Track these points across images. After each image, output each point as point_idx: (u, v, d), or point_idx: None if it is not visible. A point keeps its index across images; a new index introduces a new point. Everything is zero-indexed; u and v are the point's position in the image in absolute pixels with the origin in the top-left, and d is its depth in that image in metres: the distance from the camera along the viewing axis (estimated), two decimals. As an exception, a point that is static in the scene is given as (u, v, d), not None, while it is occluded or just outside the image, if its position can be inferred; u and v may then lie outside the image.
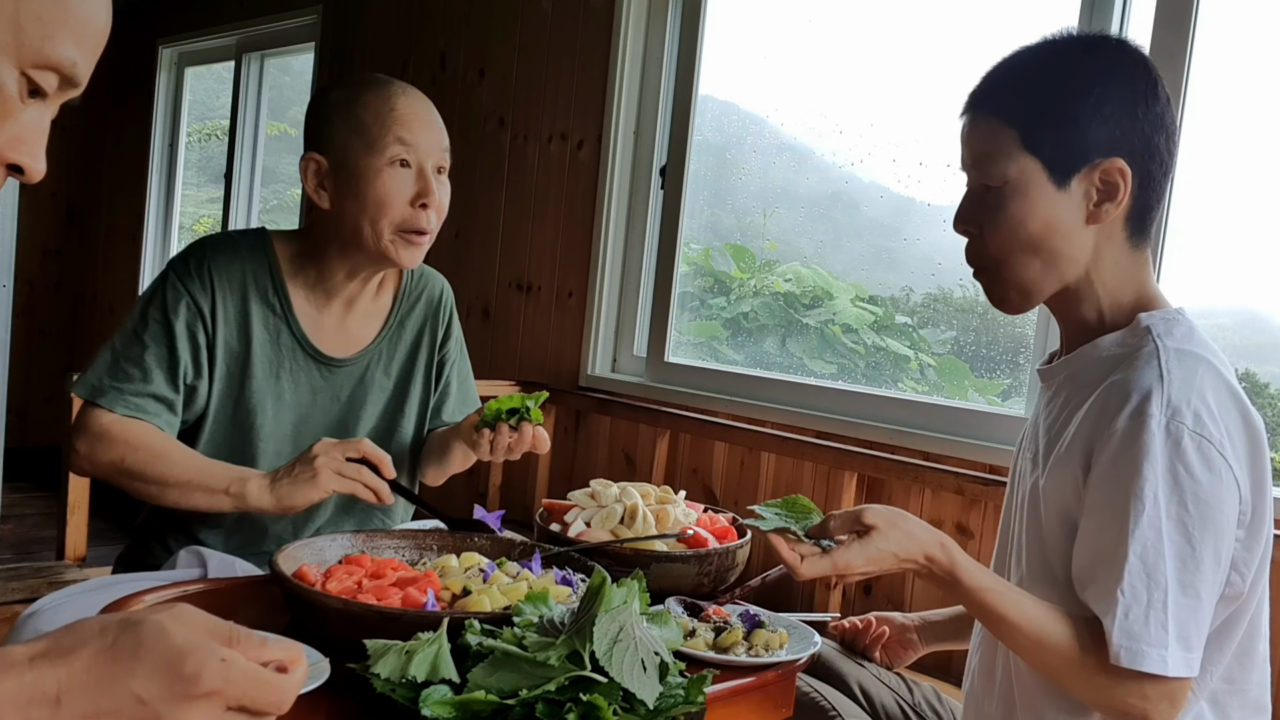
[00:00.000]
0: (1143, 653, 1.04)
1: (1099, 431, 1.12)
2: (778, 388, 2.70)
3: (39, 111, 0.71)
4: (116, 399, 1.48)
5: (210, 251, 1.57)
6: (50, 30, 0.68)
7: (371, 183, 1.50)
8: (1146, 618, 1.05)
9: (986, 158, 1.20)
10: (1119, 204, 1.17)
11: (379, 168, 1.50)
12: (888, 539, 1.12)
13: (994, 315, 2.51)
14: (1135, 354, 1.15)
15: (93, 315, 5.78)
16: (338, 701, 0.97)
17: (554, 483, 3.08)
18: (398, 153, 1.51)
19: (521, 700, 0.89)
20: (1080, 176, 1.17)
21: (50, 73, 0.69)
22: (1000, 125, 1.19)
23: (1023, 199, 1.18)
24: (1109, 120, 1.16)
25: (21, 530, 4.43)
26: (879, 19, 2.73)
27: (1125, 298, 1.22)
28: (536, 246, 3.28)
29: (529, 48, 3.33)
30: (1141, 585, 1.05)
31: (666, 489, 1.52)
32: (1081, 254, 1.20)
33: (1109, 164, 1.16)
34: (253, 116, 4.76)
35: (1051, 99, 1.17)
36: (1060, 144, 1.17)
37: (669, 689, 0.95)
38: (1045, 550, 1.20)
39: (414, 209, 1.52)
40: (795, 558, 1.11)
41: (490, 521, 1.49)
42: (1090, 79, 1.17)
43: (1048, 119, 1.17)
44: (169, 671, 0.63)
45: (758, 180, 3.01)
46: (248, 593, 1.28)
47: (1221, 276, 2.16)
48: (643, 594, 1.01)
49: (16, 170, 0.72)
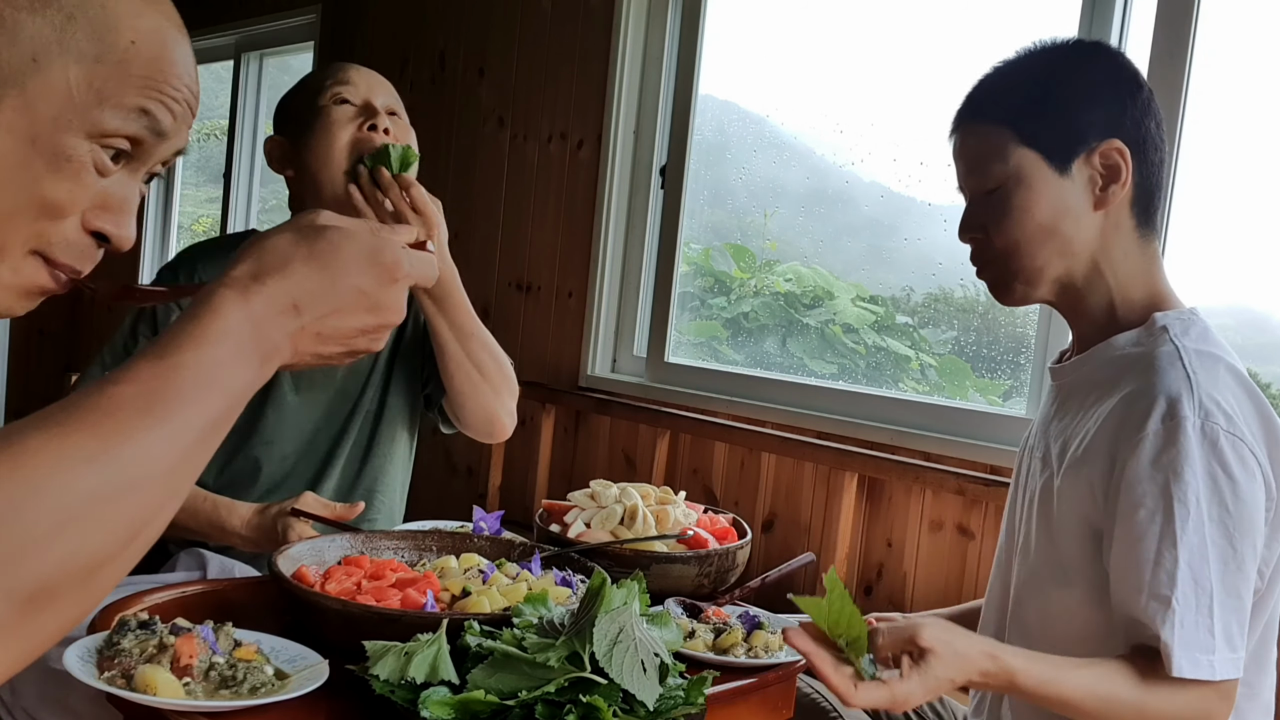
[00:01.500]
0: (1197, 660, 1.04)
1: (1124, 436, 1.10)
2: (778, 388, 2.70)
3: (124, 178, 0.71)
4: None
5: (200, 259, 1.57)
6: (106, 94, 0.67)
7: (314, 126, 1.52)
8: (1197, 624, 1.04)
9: (982, 161, 1.21)
10: (1123, 185, 1.17)
11: (320, 110, 1.53)
12: (946, 665, 1.01)
13: (995, 315, 2.51)
14: (1153, 355, 1.14)
15: (91, 315, 5.78)
16: (337, 702, 0.96)
17: (554, 483, 3.07)
18: (337, 92, 1.54)
19: (521, 701, 0.88)
20: (1081, 161, 1.18)
21: (119, 138, 0.69)
22: (993, 127, 1.20)
23: (1027, 189, 1.18)
24: (1100, 103, 1.18)
25: (21, 530, 4.43)
26: (879, 19, 2.72)
27: (1136, 293, 1.21)
28: (536, 246, 3.28)
29: (529, 48, 3.33)
30: (1190, 591, 1.05)
31: (666, 489, 1.51)
32: (1090, 242, 1.19)
33: (1106, 145, 1.17)
34: (252, 116, 4.76)
35: (1041, 90, 1.19)
36: (1055, 131, 1.18)
37: (669, 690, 0.95)
38: (1058, 552, 1.19)
39: (364, 132, 1.52)
40: (848, 686, 0.98)
41: (490, 522, 1.49)
42: (1076, 68, 1.19)
43: (1040, 110, 1.18)
44: (374, 264, 0.71)
45: (758, 180, 3.00)
46: (247, 593, 1.27)
47: (1222, 276, 2.16)
48: (643, 595, 1.01)
49: (103, 239, 0.72)
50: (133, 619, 0.97)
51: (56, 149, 0.66)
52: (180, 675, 0.92)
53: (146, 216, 5.29)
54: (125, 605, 1.12)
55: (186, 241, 5.38)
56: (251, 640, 1.01)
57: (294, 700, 0.93)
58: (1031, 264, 1.20)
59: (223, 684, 0.93)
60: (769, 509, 2.62)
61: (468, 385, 1.61)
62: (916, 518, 2.34)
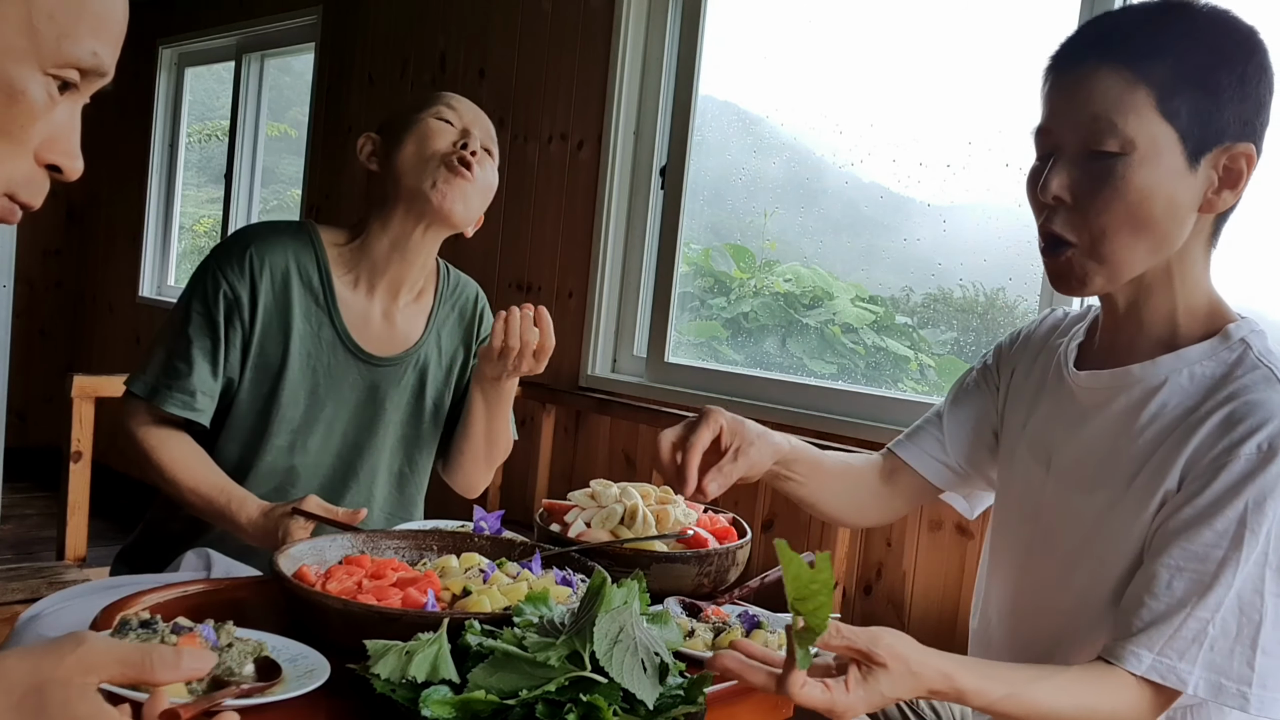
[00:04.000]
0: (1221, 686, 1.01)
1: (1212, 455, 1.03)
2: (778, 388, 2.70)
3: (68, 108, 0.73)
4: (167, 398, 1.55)
5: (254, 238, 1.59)
6: (65, 28, 0.69)
7: (415, 127, 1.60)
8: (1231, 651, 1.01)
9: (1107, 116, 1.04)
10: (1238, 193, 1.07)
11: (424, 118, 1.61)
12: (895, 682, 0.95)
13: (994, 316, 2.51)
14: (1246, 375, 1.06)
15: (93, 315, 5.78)
16: (338, 702, 0.97)
17: (554, 483, 3.08)
18: (442, 112, 1.62)
19: (521, 701, 0.89)
20: (1210, 157, 1.05)
21: (72, 69, 0.71)
22: (1133, 80, 1.03)
23: (1152, 170, 1.04)
24: (1247, 101, 1.04)
25: (21, 530, 4.43)
26: (879, 19, 2.72)
27: (1198, 300, 1.12)
28: (536, 246, 3.28)
29: (529, 48, 3.33)
30: (1233, 620, 1.01)
31: (666, 489, 1.51)
32: (1179, 243, 1.08)
33: (1240, 148, 1.05)
34: (253, 117, 4.76)
35: (1198, 64, 1.03)
36: (1199, 115, 1.03)
37: (669, 689, 0.95)
38: (1107, 573, 1.11)
39: (454, 149, 1.59)
40: (793, 678, 0.91)
41: (490, 522, 1.49)
42: (1238, 52, 1.05)
43: (1191, 84, 1.03)
44: None
45: (758, 180, 3.00)
46: (248, 593, 1.28)
47: (1225, 277, 2.15)
48: (643, 594, 1.01)
49: (55, 170, 0.74)
50: (134, 618, 0.97)
51: (10, 82, 0.68)
52: (182, 674, 0.93)
53: (148, 216, 5.29)
54: (127, 605, 1.12)
55: (188, 242, 5.38)
56: (253, 639, 1.01)
57: (294, 700, 0.94)
58: (1124, 255, 1.07)
59: (214, 685, 0.94)
60: (769, 509, 2.63)
61: (470, 464, 1.75)
62: (915, 518, 2.34)
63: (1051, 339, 1.31)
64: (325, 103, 4.16)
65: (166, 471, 1.53)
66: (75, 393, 2.26)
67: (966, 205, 2.47)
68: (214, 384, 1.56)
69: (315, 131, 4.21)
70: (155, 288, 5.33)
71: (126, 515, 1.86)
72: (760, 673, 0.94)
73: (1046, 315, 1.36)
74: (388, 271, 1.63)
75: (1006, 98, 2.32)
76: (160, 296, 5.25)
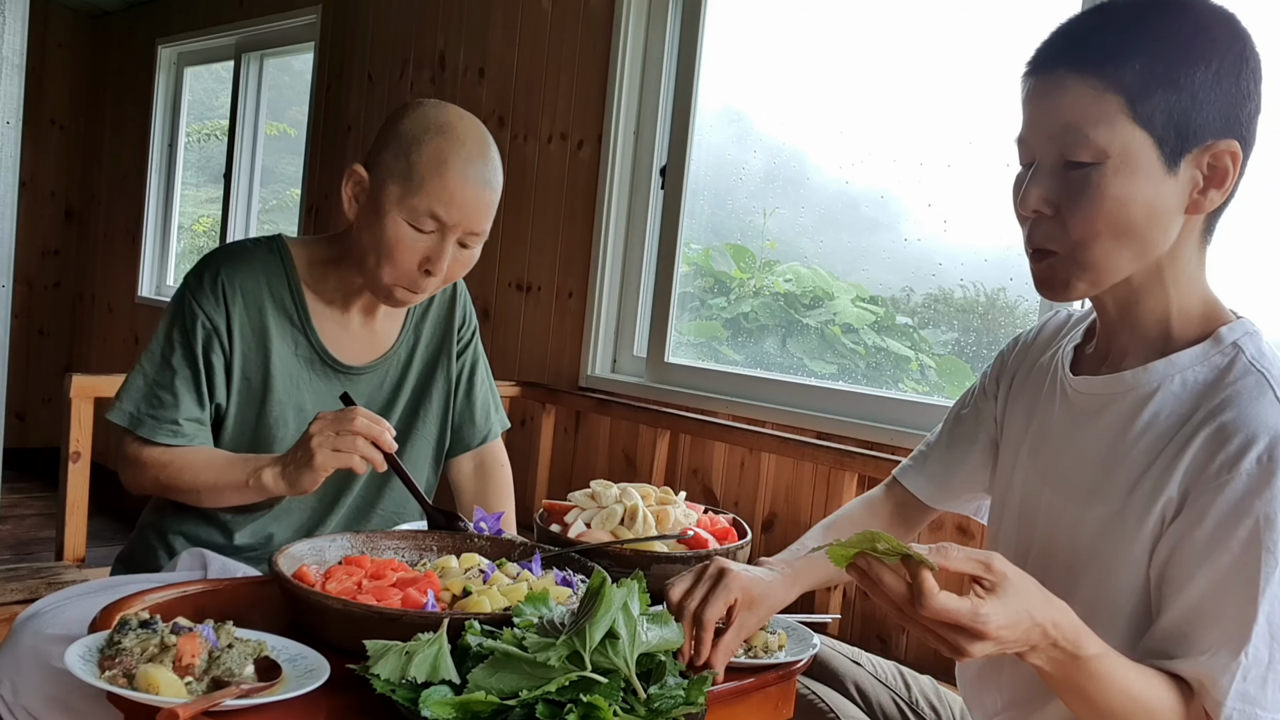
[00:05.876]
0: (1256, 716, 0.97)
1: (1210, 471, 1.01)
2: (778, 388, 2.70)
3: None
4: (155, 428, 1.52)
5: (223, 263, 1.57)
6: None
7: (389, 229, 1.48)
8: (1265, 679, 0.97)
9: (1078, 127, 1.02)
10: (1224, 192, 1.04)
11: (401, 220, 1.48)
12: (1024, 596, 0.90)
13: (995, 316, 2.51)
14: (1236, 382, 1.03)
15: (92, 315, 5.78)
16: (338, 702, 0.97)
17: (554, 483, 3.07)
18: (424, 220, 1.48)
19: (521, 701, 0.88)
20: (1191, 157, 1.02)
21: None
22: (1101, 89, 1.01)
23: (1128, 179, 1.01)
24: (1226, 96, 1.01)
25: (20, 530, 4.43)
26: (879, 20, 2.72)
27: (1192, 302, 1.09)
28: (536, 246, 3.28)
29: (529, 48, 3.33)
30: (1264, 646, 0.97)
31: (666, 490, 1.51)
32: (1166, 245, 1.05)
33: (1222, 146, 1.02)
34: (252, 116, 4.76)
35: (1169, 64, 1.00)
36: (1174, 116, 1.00)
37: (669, 690, 0.95)
38: (1110, 590, 1.09)
39: (418, 271, 1.51)
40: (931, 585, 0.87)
41: (490, 522, 1.49)
42: (1212, 46, 1.01)
43: (1163, 86, 1.00)
44: None
45: (758, 180, 3.00)
46: (248, 593, 1.27)
47: (1222, 278, 2.15)
48: (643, 594, 1.01)
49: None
50: (134, 618, 0.97)
51: None
52: (182, 674, 0.93)
53: (147, 216, 5.29)
54: (126, 605, 1.12)
55: (187, 241, 5.38)
56: (253, 639, 1.01)
57: (294, 700, 0.93)
58: (1106, 261, 1.05)
59: (214, 685, 0.93)
60: (769, 509, 2.63)
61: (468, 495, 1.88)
62: (916, 518, 2.34)
63: (1054, 341, 1.29)
64: (325, 102, 4.16)
65: (185, 483, 1.50)
66: (74, 393, 2.26)
67: (966, 205, 2.47)
68: (201, 412, 1.55)
69: (314, 131, 4.21)
70: (154, 287, 5.33)
71: (126, 515, 1.86)
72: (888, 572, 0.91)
73: (1050, 317, 1.34)
74: (363, 295, 1.63)
75: (1007, 98, 2.32)
76: (159, 296, 5.25)
